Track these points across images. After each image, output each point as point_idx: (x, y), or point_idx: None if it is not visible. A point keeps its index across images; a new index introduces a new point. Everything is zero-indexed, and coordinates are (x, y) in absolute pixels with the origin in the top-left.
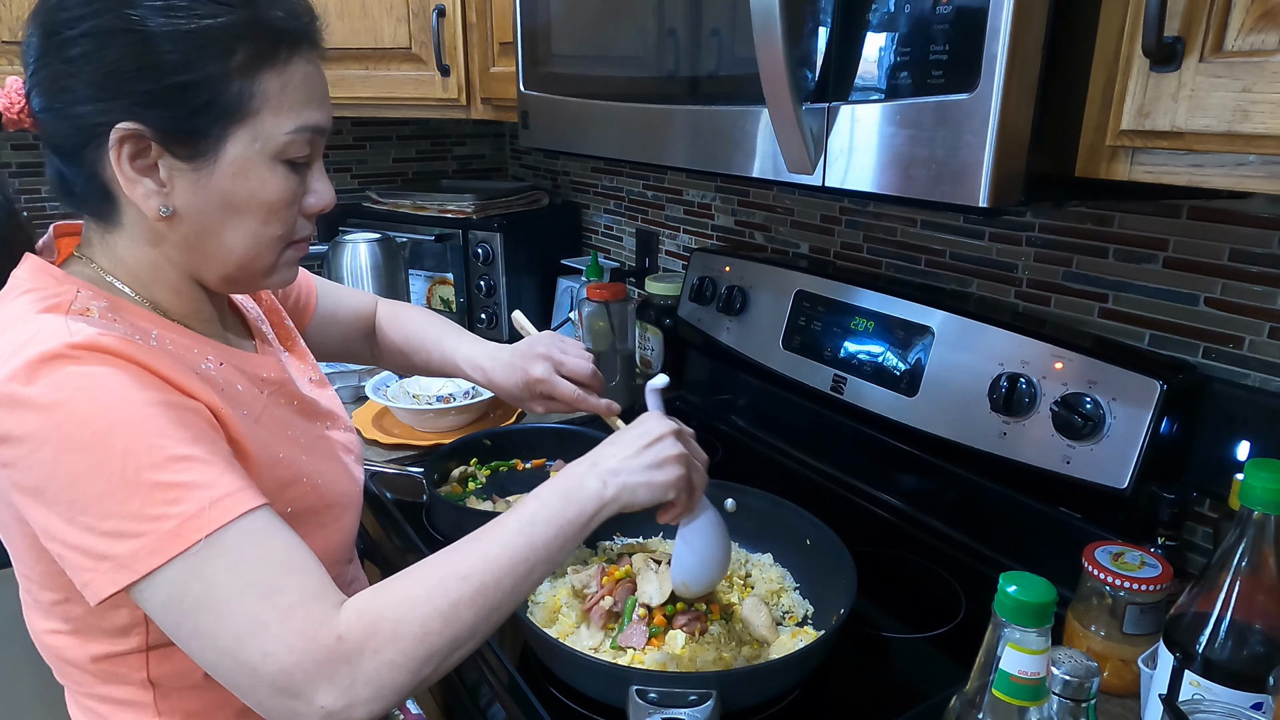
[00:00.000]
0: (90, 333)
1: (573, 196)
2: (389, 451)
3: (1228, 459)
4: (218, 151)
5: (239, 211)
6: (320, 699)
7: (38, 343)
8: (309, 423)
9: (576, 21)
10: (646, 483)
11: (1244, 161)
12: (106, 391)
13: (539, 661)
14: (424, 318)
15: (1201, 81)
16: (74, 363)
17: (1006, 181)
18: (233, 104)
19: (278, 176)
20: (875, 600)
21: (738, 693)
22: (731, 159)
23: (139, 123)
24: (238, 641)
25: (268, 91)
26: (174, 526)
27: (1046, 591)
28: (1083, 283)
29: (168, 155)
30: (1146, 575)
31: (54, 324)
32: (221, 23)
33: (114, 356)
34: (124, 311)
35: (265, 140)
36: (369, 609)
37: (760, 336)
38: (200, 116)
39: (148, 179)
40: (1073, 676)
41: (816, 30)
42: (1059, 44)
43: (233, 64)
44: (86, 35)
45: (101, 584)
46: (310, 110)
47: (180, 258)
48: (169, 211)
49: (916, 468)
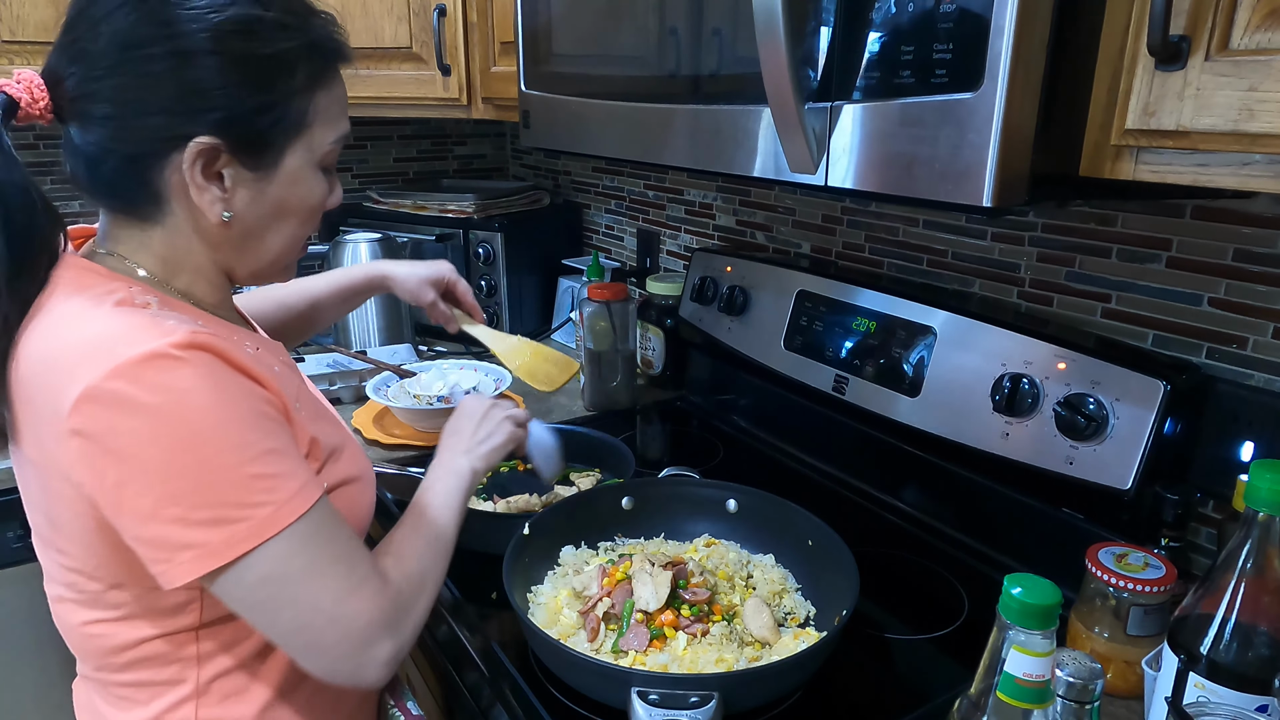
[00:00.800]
0: (184, 330)
1: (574, 196)
2: (389, 451)
3: (1231, 460)
4: (279, 162)
5: (288, 216)
6: (387, 646)
7: (135, 341)
8: (324, 410)
9: (578, 21)
10: (498, 446)
11: (1250, 161)
12: (206, 391)
13: (540, 663)
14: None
15: (1207, 80)
16: (177, 362)
17: (1010, 181)
18: (296, 120)
19: (319, 182)
20: (877, 601)
21: (739, 694)
22: (733, 158)
23: (217, 137)
24: (336, 602)
25: (318, 106)
26: (271, 512)
27: (1052, 594)
28: (1086, 283)
29: (235, 165)
30: (1150, 576)
31: (143, 321)
32: (291, 47)
33: (208, 353)
34: (171, 305)
35: (314, 150)
36: (402, 567)
37: (762, 336)
38: (269, 131)
39: (214, 186)
40: (1076, 678)
41: (819, 29)
42: (1063, 42)
43: (296, 84)
44: (171, 54)
45: (180, 572)
46: (345, 120)
47: (220, 255)
48: (230, 216)
49: (918, 468)
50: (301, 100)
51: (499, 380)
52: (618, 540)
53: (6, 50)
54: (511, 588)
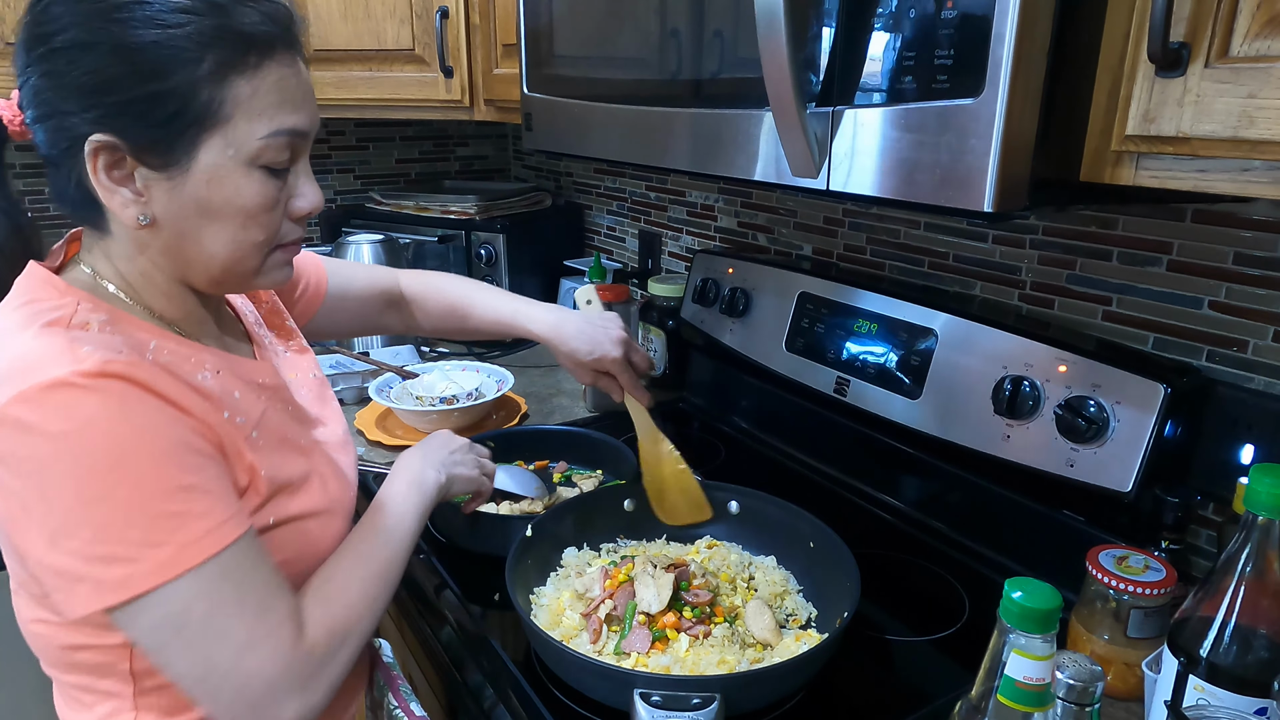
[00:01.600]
0: (96, 358)
1: (575, 198)
2: (392, 453)
3: (1231, 462)
4: (190, 160)
5: (216, 218)
6: (292, 707)
7: (45, 367)
8: (303, 428)
9: (580, 24)
10: (463, 475)
11: (1249, 167)
12: (114, 423)
13: (543, 664)
14: (461, 281)
15: (1207, 87)
16: (83, 391)
17: (1011, 186)
18: (202, 112)
19: (254, 182)
20: (878, 603)
21: (741, 696)
22: (734, 162)
23: (111, 134)
24: (236, 656)
25: (238, 97)
26: (172, 553)
27: (1052, 597)
28: (1086, 285)
29: (141, 165)
30: (1150, 579)
31: (59, 345)
32: (187, 31)
33: (121, 381)
34: (122, 323)
35: (239, 147)
36: (326, 618)
37: (763, 338)
38: (170, 125)
39: (124, 188)
40: (1076, 680)
41: (821, 33)
42: (1064, 49)
43: (200, 72)
44: (66, 47)
45: (76, 604)
46: (285, 114)
47: (165, 263)
48: (147, 220)
49: (919, 470)
50: (208, 90)
51: (501, 381)
52: (620, 542)
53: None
54: (514, 589)
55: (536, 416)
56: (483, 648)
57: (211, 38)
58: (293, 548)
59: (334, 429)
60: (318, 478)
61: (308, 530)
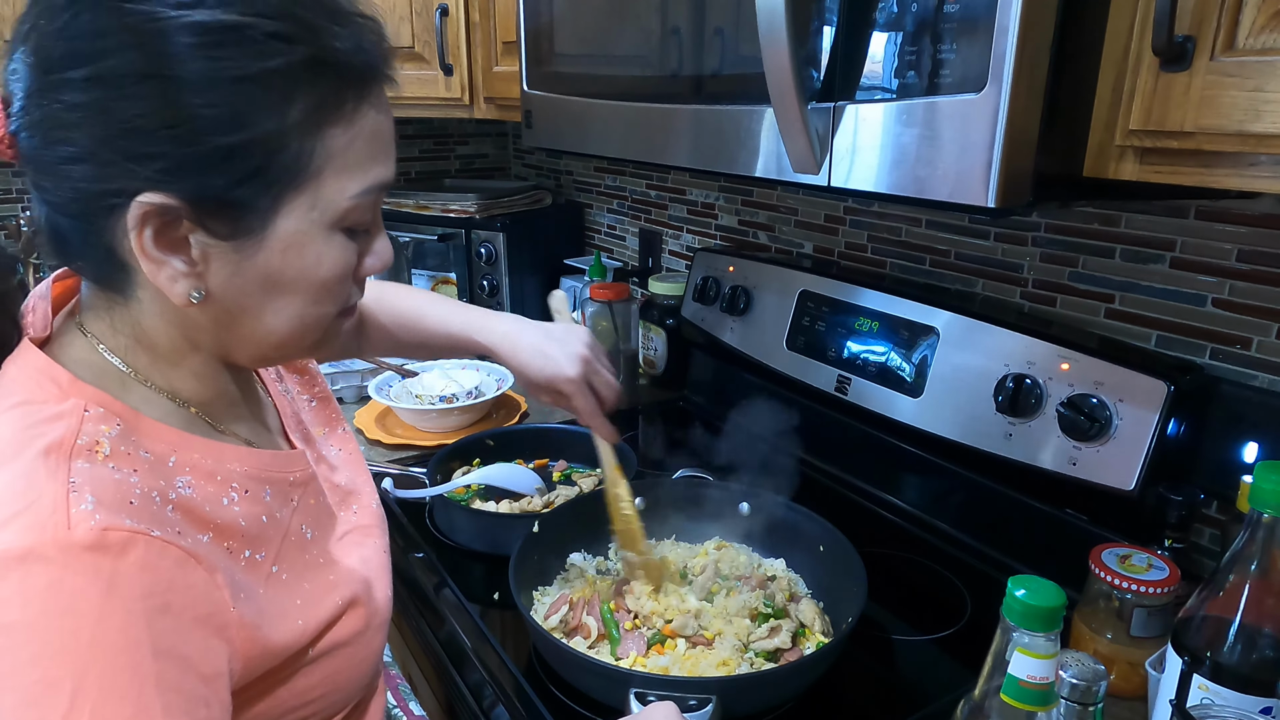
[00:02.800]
0: (95, 523)
1: (576, 196)
2: (391, 452)
3: (1235, 461)
4: (266, 226)
5: (285, 292)
6: None
7: (23, 526)
8: (330, 523)
9: (580, 21)
10: None
11: (1255, 162)
12: (90, 620)
13: (543, 664)
14: (413, 292)
15: (1212, 81)
16: (60, 571)
17: (1015, 181)
18: (289, 168)
19: (334, 248)
20: (880, 601)
21: (739, 698)
22: (735, 158)
23: (167, 194)
24: None
25: (331, 150)
26: None
27: (1056, 596)
28: (1089, 283)
29: (202, 231)
30: (1154, 578)
31: (53, 495)
32: (277, 65)
33: (117, 558)
34: (140, 432)
35: (325, 208)
36: None
37: (764, 337)
38: (247, 185)
39: (176, 258)
40: (1080, 680)
41: (822, 29)
42: (1068, 43)
43: (290, 119)
44: (97, 80)
45: None
46: (379, 166)
47: (206, 340)
48: (201, 296)
49: (921, 469)
50: (298, 141)
51: (501, 379)
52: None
53: None
54: (518, 585)
55: (536, 415)
56: (482, 647)
57: (304, 74)
58: (318, 685)
59: (366, 503)
60: (339, 598)
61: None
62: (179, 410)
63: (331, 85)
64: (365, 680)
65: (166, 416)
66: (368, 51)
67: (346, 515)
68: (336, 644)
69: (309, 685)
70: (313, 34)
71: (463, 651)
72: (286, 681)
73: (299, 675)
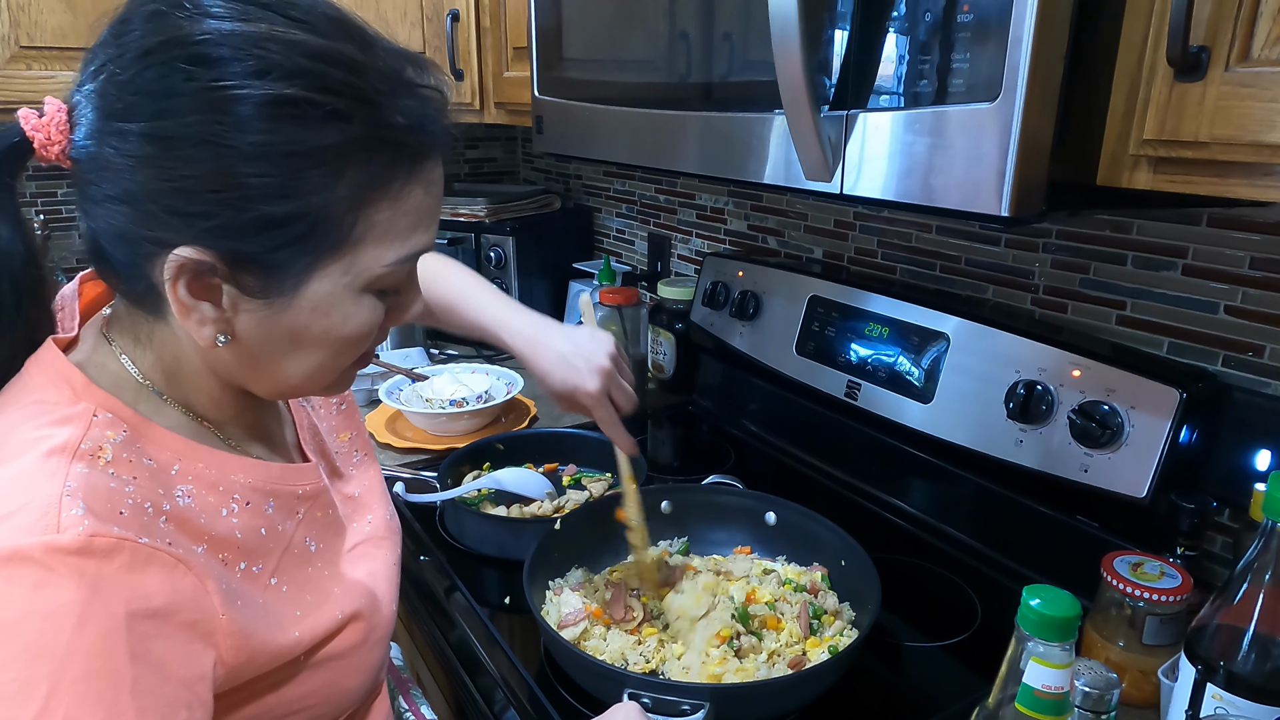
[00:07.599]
0: (81, 530)
1: (585, 200)
2: (402, 455)
3: (1248, 468)
4: (299, 288)
5: (309, 346)
6: None
7: (17, 526)
8: (340, 535)
9: (590, 27)
10: None
11: (1270, 171)
12: (68, 625)
13: (554, 666)
14: (466, 275)
15: (1227, 91)
16: (45, 574)
17: (1028, 190)
18: (329, 237)
19: (363, 309)
20: (890, 608)
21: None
22: (746, 165)
23: (206, 251)
24: None
25: (373, 222)
26: None
27: (1071, 606)
28: (1100, 290)
29: (234, 285)
30: (1166, 586)
31: (47, 496)
32: (332, 141)
33: (102, 563)
34: (146, 439)
35: (359, 273)
36: None
37: (774, 342)
38: (285, 250)
39: (206, 303)
40: (1092, 688)
41: (835, 37)
42: (1081, 53)
43: (338, 193)
44: (154, 137)
45: None
46: (419, 235)
47: (227, 372)
48: (226, 341)
49: (931, 475)
50: (342, 212)
51: (510, 384)
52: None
53: (24, 55)
54: (530, 584)
55: (546, 419)
56: (493, 651)
57: (359, 151)
58: (315, 692)
59: (380, 513)
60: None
61: (332, 676)
62: (190, 422)
63: (384, 162)
64: (360, 692)
65: (177, 426)
66: (426, 130)
67: (359, 526)
68: (332, 656)
69: (300, 694)
70: (373, 109)
71: (473, 655)
72: (276, 689)
73: (290, 684)
